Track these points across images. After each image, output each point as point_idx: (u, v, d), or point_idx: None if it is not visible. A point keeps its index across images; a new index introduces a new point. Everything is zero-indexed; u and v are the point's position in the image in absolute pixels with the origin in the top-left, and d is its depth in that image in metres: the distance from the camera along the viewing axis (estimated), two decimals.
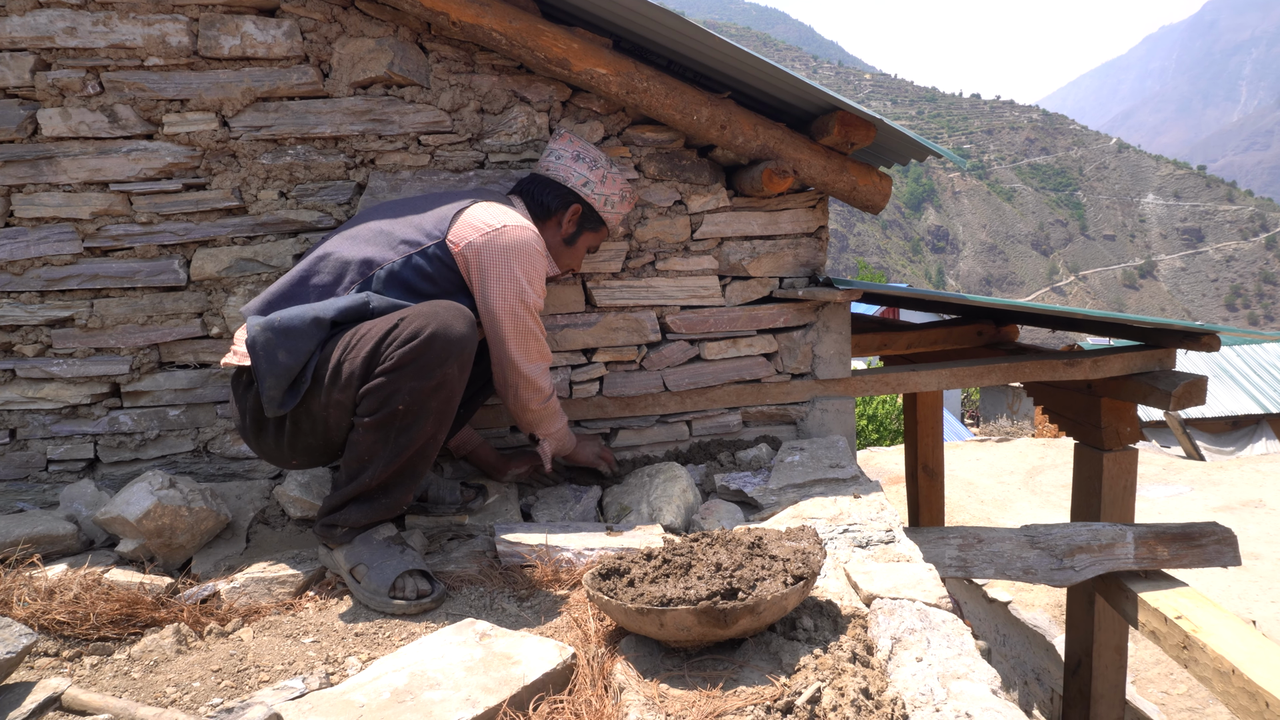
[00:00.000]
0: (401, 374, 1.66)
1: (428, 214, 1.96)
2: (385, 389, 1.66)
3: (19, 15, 2.13)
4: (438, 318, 1.68)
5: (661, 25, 2.17)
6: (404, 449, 1.71)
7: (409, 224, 1.93)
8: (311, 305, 1.79)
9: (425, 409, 1.69)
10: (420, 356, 1.65)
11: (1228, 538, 2.86)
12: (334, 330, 1.78)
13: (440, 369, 1.67)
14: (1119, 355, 2.94)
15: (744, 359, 2.63)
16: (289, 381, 1.74)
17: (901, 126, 2.33)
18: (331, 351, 1.73)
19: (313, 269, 1.89)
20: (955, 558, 2.80)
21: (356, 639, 1.62)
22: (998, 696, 1.19)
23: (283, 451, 1.86)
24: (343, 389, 1.71)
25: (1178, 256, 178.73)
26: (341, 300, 1.80)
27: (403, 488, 1.78)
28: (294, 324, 1.75)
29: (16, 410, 2.33)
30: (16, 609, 1.62)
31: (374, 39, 2.26)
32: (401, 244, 1.89)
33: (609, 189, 2.18)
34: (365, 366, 1.68)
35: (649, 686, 1.29)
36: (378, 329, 1.70)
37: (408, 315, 1.70)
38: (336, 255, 1.89)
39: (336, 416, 1.75)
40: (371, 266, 1.87)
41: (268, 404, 1.75)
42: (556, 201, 2.13)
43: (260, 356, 1.74)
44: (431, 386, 1.68)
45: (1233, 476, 8.86)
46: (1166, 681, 4.88)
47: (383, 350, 1.67)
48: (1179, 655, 2.53)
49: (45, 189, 2.24)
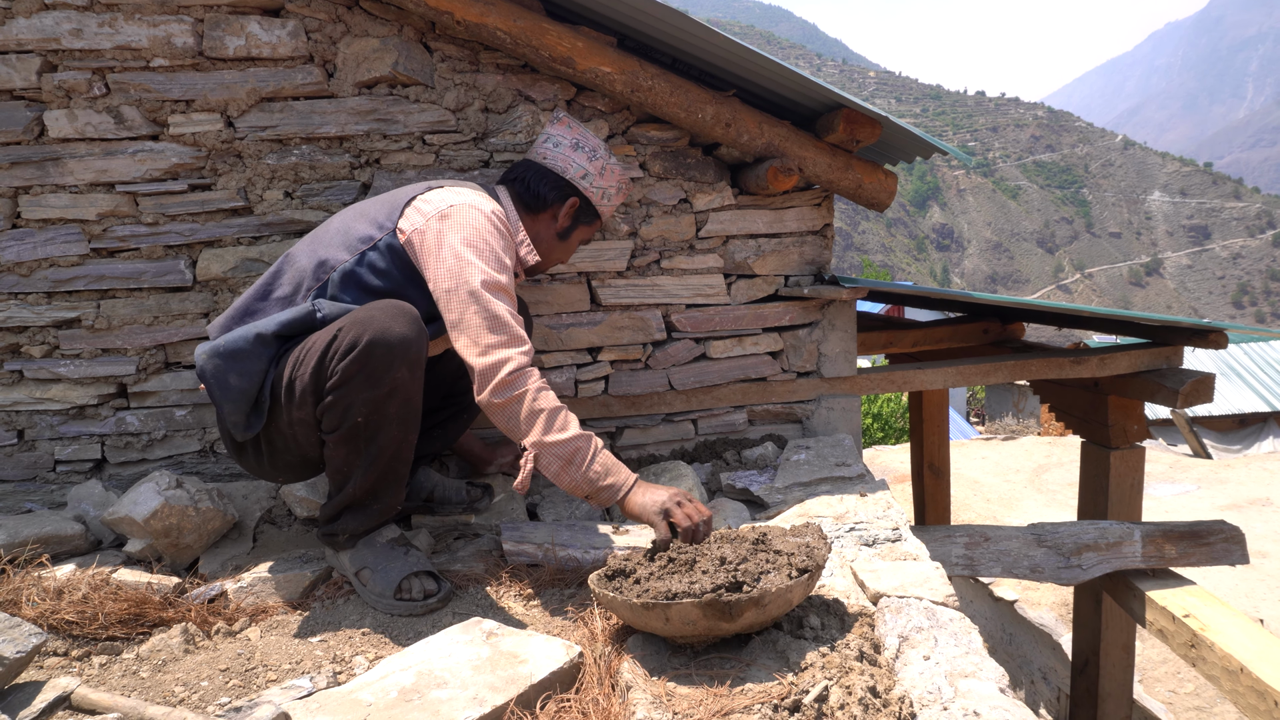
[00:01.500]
0: (350, 387, 1.60)
1: (383, 204, 1.85)
2: (339, 405, 1.62)
3: (25, 17, 2.14)
4: (373, 323, 1.60)
5: (666, 23, 2.16)
6: (377, 456, 1.68)
7: (365, 218, 1.83)
8: (255, 323, 1.73)
9: (385, 416, 1.64)
10: (364, 366, 1.59)
11: (1235, 536, 2.85)
12: (285, 345, 1.73)
13: (388, 375, 1.60)
14: (1126, 353, 2.92)
15: (749, 357, 2.63)
16: (249, 404, 1.71)
17: (907, 124, 2.32)
18: (284, 369, 1.69)
19: (273, 281, 1.82)
20: (962, 556, 2.79)
21: (363, 638, 1.62)
22: (1006, 695, 1.19)
23: (265, 469, 1.84)
24: (299, 406, 1.67)
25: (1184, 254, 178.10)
26: (284, 314, 1.73)
27: (389, 491, 1.76)
28: (238, 346, 1.70)
29: (24, 411, 2.34)
30: (26, 609, 1.62)
31: (378, 38, 2.26)
32: (357, 241, 1.80)
33: (607, 181, 2.03)
34: (314, 383, 1.63)
35: (656, 685, 1.29)
36: (320, 342, 1.64)
37: (345, 325, 1.62)
38: (295, 264, 1.82)
39: (304, 434, 1.72)
40: (326, 270, 1.78)
41: (233, 429, 1.73)
42: (554, 194, 1.98)
43: (212, 384, 1.71)
44: (384, 394, 1.61)
45: (1240, 474, 8.82)
46: (1174, 680, 4.86)
47: (327, 365, 1.62)
48: (1187, 654, 2.52)
49: (52, 190, 2.24)
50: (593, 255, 2.48)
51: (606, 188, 2.04)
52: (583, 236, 2.10)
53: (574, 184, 1.99)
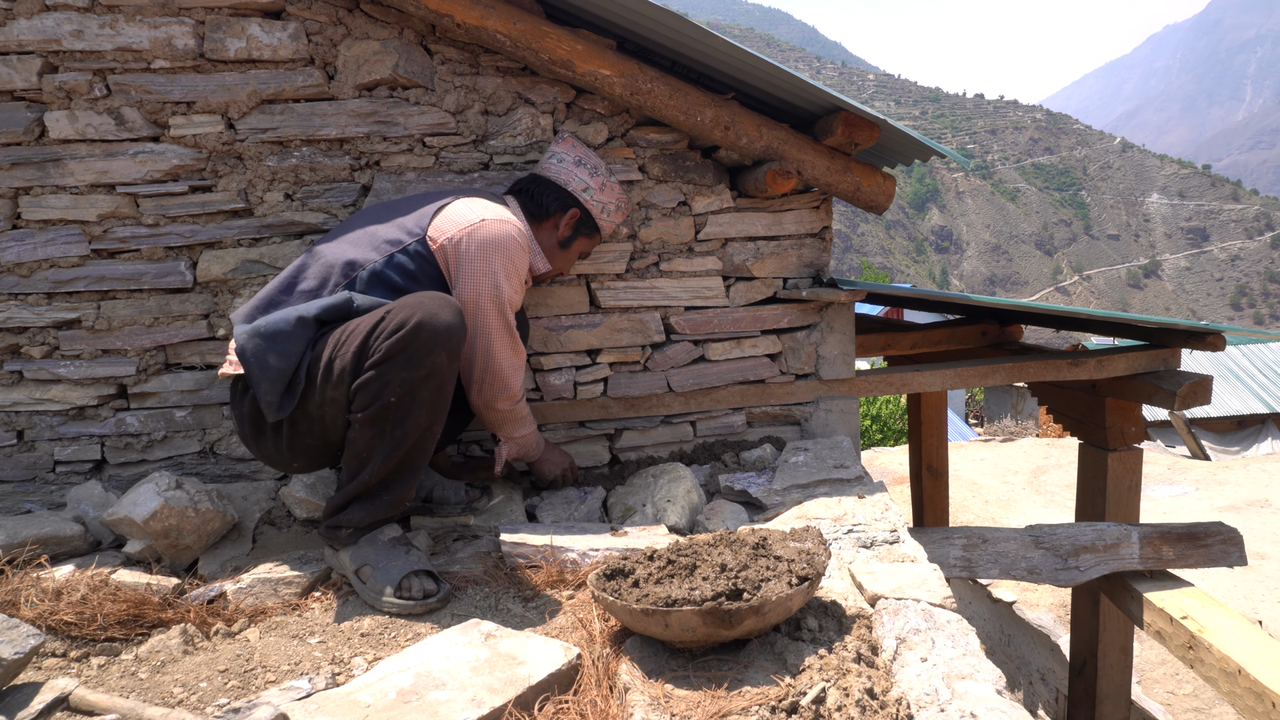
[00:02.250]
0: (391, 365, 1.66)
1: (411, 213, 1.97)
2: (376, 381, 1.67)
3: (26, 18, 2.14)
4: (423, 307, 1.68)
5: (665, 27, 2.17)
6: (400, 442, 1.72)
7: (393, 223, 1.94)
8: (295, 306, 1.80)
9: (417, 399, 1.69)
10: (408, 346, 1.65)
11: (1233, 538, 2.86)
12: (322, 329, 1.79)
13: (429, 358, 1.67)
14: (1123, 355, 2.93)
15: (748, 359, 2.63)
16: (284, 384, 1.75)
17: (905, 127, 2.33)
18: (322, 350, 1.74)
19: (298, 274, 1.90)
20: (960, 558, 2.79)
21: (362, 639, 1.62)
22: (1003, 696, 1.19)
23: (283, 455, 1.87)
24: (335, 386, 1.72)
25: (1182, 256, 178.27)
26: (325, 299, 1.81)
27: (402, 483, 1.78)
28: (280, 327, 1.76)
29: (24, 412, 2.34)
30: (24, 610, 1.63)
31: (379, 41, 2.27)
32: (385, 244, 1.90)
33: (607, 197, 2.20)
34: (355, 361, 1.69)
35: (654, 687, 1.30)
36: (365, 323, 1.71)
37: (394, 307, 1.70)
38: (322, 259, 1.90)
39: (332, 414, 1.76)
40: (355, 268, 1.88)
41: (266, 408, 1.76)
42: (556, 204, 2.15)
43: (251, 363, 1.75)
44: (422, 376, 1.67)
45: (1238, 476, 8.83)
46: (1172, 682, 4.87)
47: (371, 343, 1.68)
48: (1185, 655, 2.53)
49: (52, 191, 2.25)
50: (592, 258, 2.49)
51: (606, 203, 2.21)
52: (582, 248, 2.26)
53: (575, 196, 2.17)
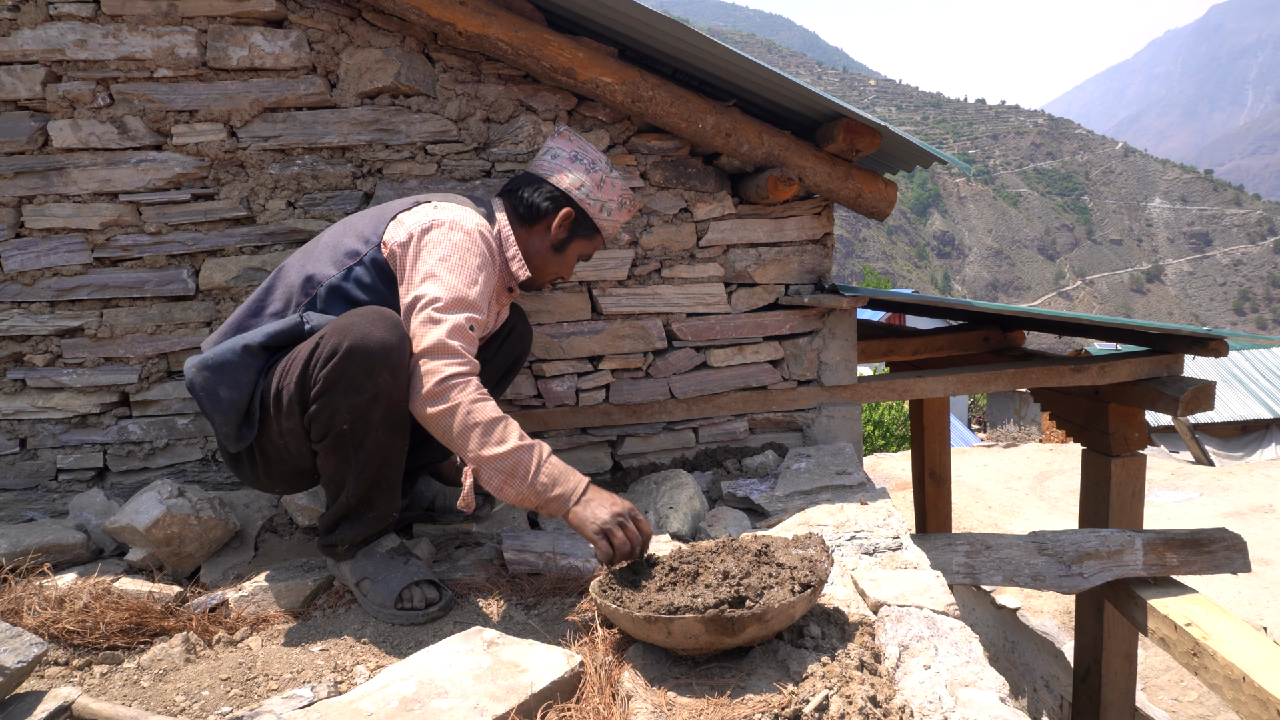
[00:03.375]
0: (333, 394, 1.59)
1: (370, 219, 1.85)
2: (325, 412, 1.61)
3: (30, 28, 2.15)
4: (353, 330, 1.58)
5: (666, 34, 2.18)
6: (367, 464, 1.67)
7: (354, 233, 1.83)
8: (242, 335, 1.74)
9: (369, 423, 1.61)
10: (344, 373, 1.57)
11: (1237, 544, 2.85)
12: (274, 355, 1.74)
13: (369, 380, 1.57)
14: (1126, 361, 2.93)
15: (750, 366, 2.63)
16: (239, 416, 1.71)
17: (906, 133, 2.33)
18: (272, 379, 1.69)
19: (266, 296, 1.83)
20: (963, 564, 2.79)
21: (364, 647, 1.62)
22: (1006, 704, 1.19)
23: (261, 480, 1.84)
24: (288, 416, 1.67)
25: (1185, 261, 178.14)
26: (271, 325, 1.73)
27: (384, 499, 1.75)
28: (227, 357, 1.71)
29: (27, 420, 2.35)
30: (27, 618, 1.63)
31: (381, 49, 2.27)
32: (344, 256, 1.80)
33: (606, 194, 1.99)
34: (299, 392, 1.63)
35: (656, 694, 1.29)
36: (303, 352, 1.64)
37: (326, 332, 1.61)
38: (285, 279, 1.83)
39: (294, 444, 1.71)
40: (313, 285, 1.79)
41: (225, 440, 1.73)
42: (547, 204, 1.95)
43: (202, 396, 1.71)
44: (367, 400, 1.59)
45: (1242, 482, 8.81)
46: (1177, 689, 4.85)
47: (310, 372, 1.61)
48: (1189, 662, 2.52)
49: (55, 200, 2.26)
50: (594, 264, 2.49)
51: (606, 201, 2.00)
52: (581, 250, 2.05)
53: (568, 194, 1.96)
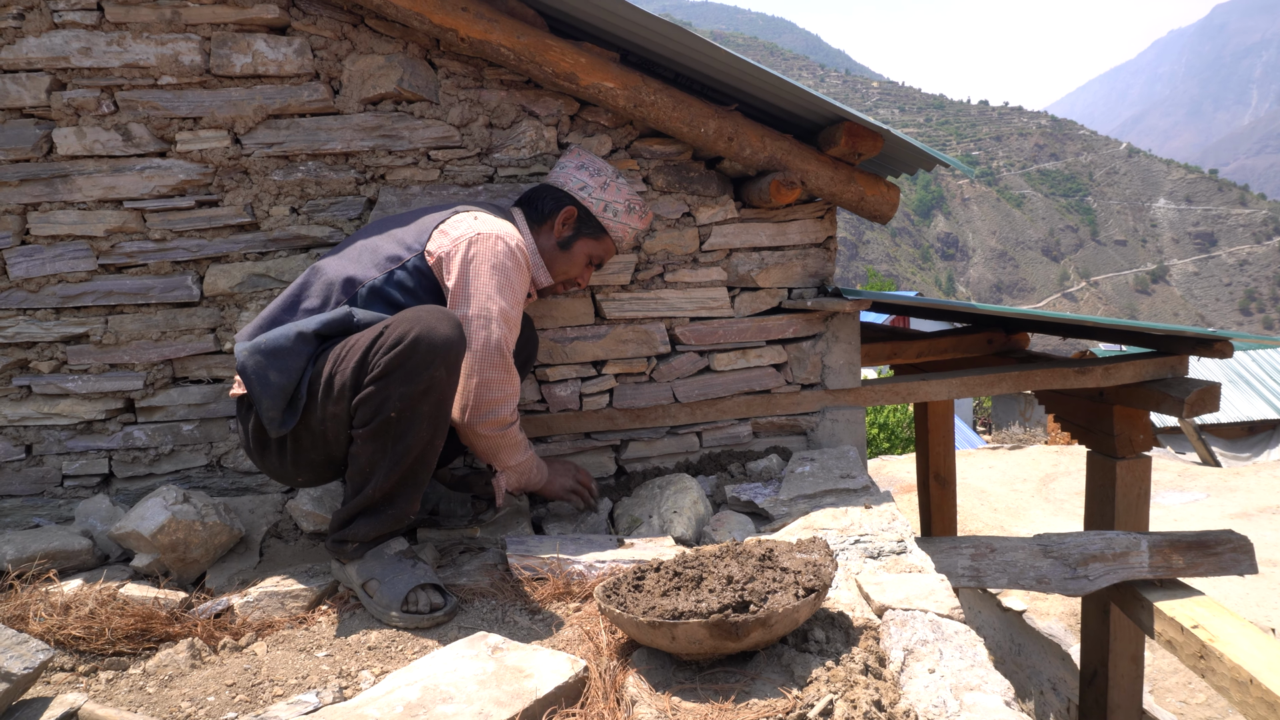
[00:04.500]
0: (390, 380, 1.66)
1: (411, 227, 1.97)
2: (376, 397, 1.67)
3: (35, 36, 2.16)
4: (420, 321, 1.67)
5: (668, 39, 2.18)
6: (402, 456, 1.71)
7: (393, 239, 1.94)
8: (295, 322, 1.81)
9: (417, 414, 1.69)
10: (406, 361, 1.65)
11: (1244, 545, 2.84)
12: (323, 345, 1.80)
13: (427, 372, 1.66)
14: (1131, 362, 2.92)
15: (753, 370, 2.63)
16: (285, 400, 1.76)
17: (909, 136, 2.33)
18: (323, 365, 1.75)
19: (301, 292, 1.90)
20: (968, 567, 2.78)
21: (370, 653, 1.62)
22: (1011, 708, 1.19)
23: (287, 469, 1.87)
24: (336, 401, 1.72)
25: (1190, 261, 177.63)
26: (324, 315, 1.81)
27: (407, 497, 1.78)
28: (279, 343, 1.77)
29: (32, 426, 2.36)
30: (33, 624, 1.63)
31: (383, 55, 2.28)
32: (385, 260, 1.90)
33: (610, 195, 2.15)
34: (355, 376, 1.69)
35: (661, 699, 1.29)
36: (365, 338, 1.71)
37: (392, 322, 1.70)
38: (323, 277, 1.90)
39: (334, 430, 1.76)
40: (355, 285, 1.88)
41: (269, 424, 1.76)
42: (551, 205, 2.13)
43: (253, 379, 1.76)
44: (420, 391, 1.67)
45: (1249, 483, 8.77)
46: (1185, 691, 4.83)
47: (370, 358, 1.68)
48: (1196, 665, 2.51)
49: (60, 207, 2.27)
50: (596, 271, 2.49)
51: (610, 201, 2.15)
52: (588, 250, 2.18)
53: (571, 194, 2.14)
